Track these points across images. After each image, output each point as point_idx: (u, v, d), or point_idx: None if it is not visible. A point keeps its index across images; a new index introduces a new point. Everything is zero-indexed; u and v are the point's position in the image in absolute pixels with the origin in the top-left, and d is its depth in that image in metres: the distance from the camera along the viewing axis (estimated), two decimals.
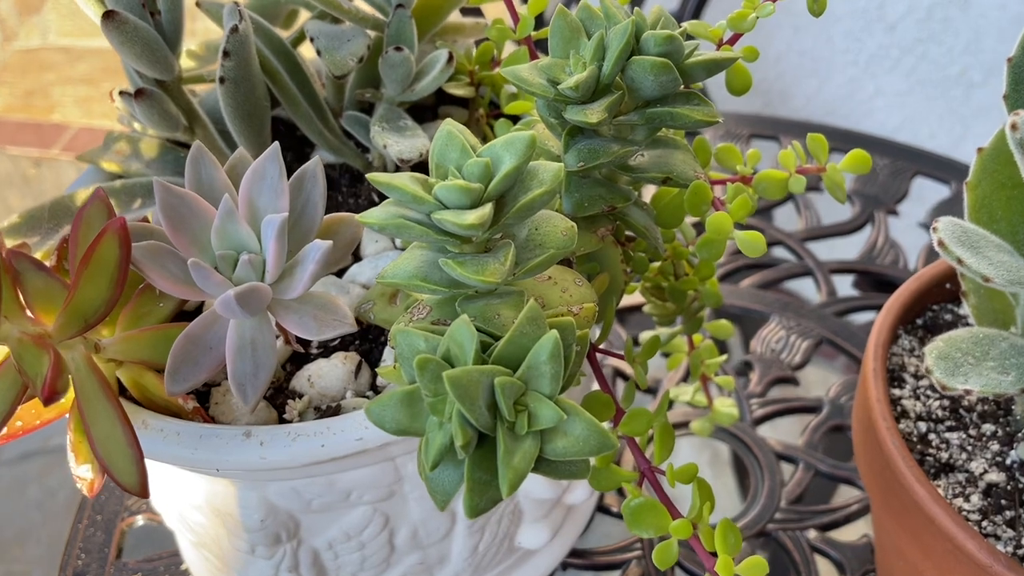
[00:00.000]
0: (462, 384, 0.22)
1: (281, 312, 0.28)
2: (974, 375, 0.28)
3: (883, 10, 1.15)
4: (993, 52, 1.10)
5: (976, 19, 1.08)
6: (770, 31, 1.23)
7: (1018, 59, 0.27)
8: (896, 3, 1.14)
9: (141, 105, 0.35)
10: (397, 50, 0.35)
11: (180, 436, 0.31)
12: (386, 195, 0.25)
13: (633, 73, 0.28)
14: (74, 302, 0.25)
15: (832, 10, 1.19)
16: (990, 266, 0.26)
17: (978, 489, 0.33)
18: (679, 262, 0.37)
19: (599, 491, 0.33)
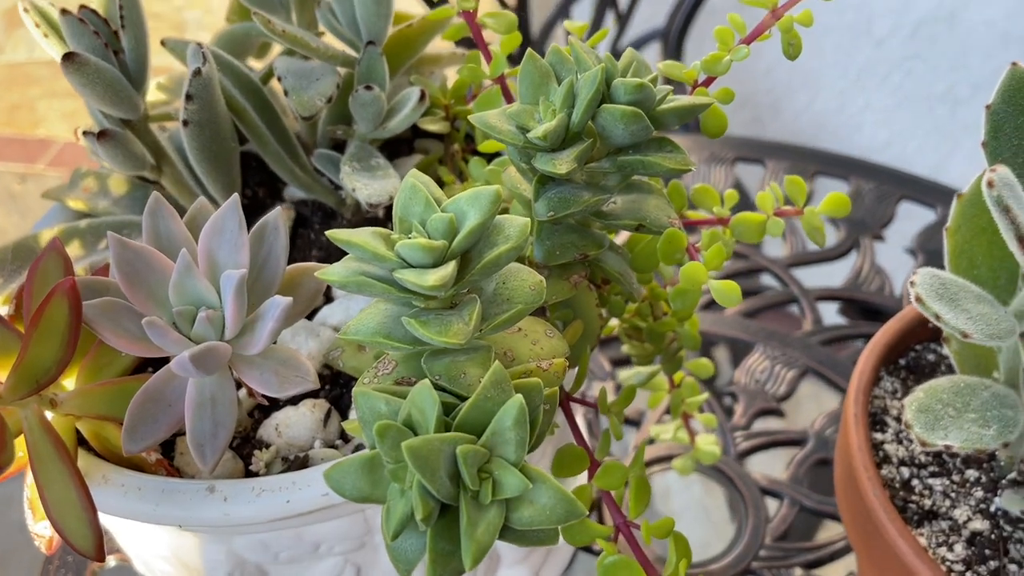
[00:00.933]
0: (422, 455, 0.21)
1: (242, 368, 0.27)
2: (954, 429, 0.27)
3: (871, 25, 1.15)
4: (980, 69, 1.10)
5: (963, 37, 1.08)
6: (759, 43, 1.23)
7: (997, 106, 0.27)
8: (883, 19, 1.14)
9: (105, 146, 0.34)
10: (367, 89, 0.35)
11: (141, 491, 0.30)
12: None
13: (603, 121, 0.27)
14: (25, 362, 0.24)
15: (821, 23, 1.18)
16: (969, 320, 0.25)
17: (962, 538, 0.32)
18: (657, 303, 0.36)
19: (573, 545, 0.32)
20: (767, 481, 0.48)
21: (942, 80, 1.14)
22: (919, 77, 1.16)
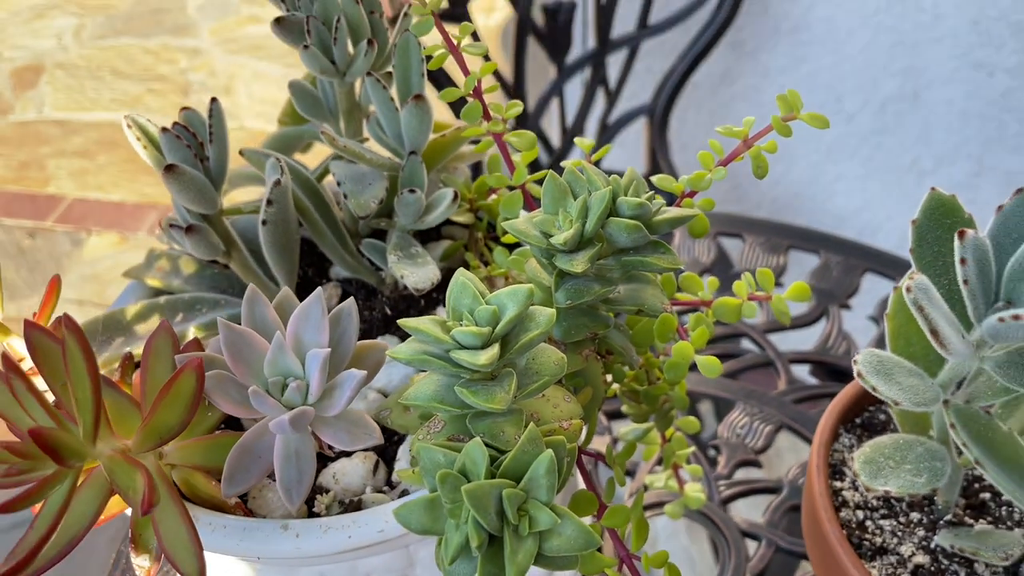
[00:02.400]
0: (477, 496, 0.28)
1: (320, 427, 0.33)
2: (893, 478, 0.34)
3: (841, 103, 1.24)
4: (942, 144, 1.19)
5: (926, 114, 1.18)
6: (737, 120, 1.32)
7: (920, 221, 0.34)
8: (853, 97, 1.23)
9: (191, 238, 0.41)
10: (411, 192, 0.42)
11: (227, 529, 0.36)
12: (397, 312, 0.31)
13: (611, 230, 0.34)
14: (152, 424, 0.31)
15: None
16: (900, 391, 0.32)
17: (907, 570, 0.38)
18: (652, 370, 0.42)
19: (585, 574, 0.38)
20: (747, 524, 0.55)
21: (908, 153, 1.23)
22: (887, 150, 1.25)
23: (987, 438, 0.33)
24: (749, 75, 1.29)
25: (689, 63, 1.18)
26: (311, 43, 0.42)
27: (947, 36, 1.10)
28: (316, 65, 0.43)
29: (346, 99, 0.46)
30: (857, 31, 1.16)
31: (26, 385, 0.27)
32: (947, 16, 1.09)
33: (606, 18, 1.17)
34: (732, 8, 1.13)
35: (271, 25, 0.43)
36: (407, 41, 0.42)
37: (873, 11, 1.13)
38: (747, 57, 1.28)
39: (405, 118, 0.42)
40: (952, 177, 1.20)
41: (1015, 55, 1.07)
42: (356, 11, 0.43)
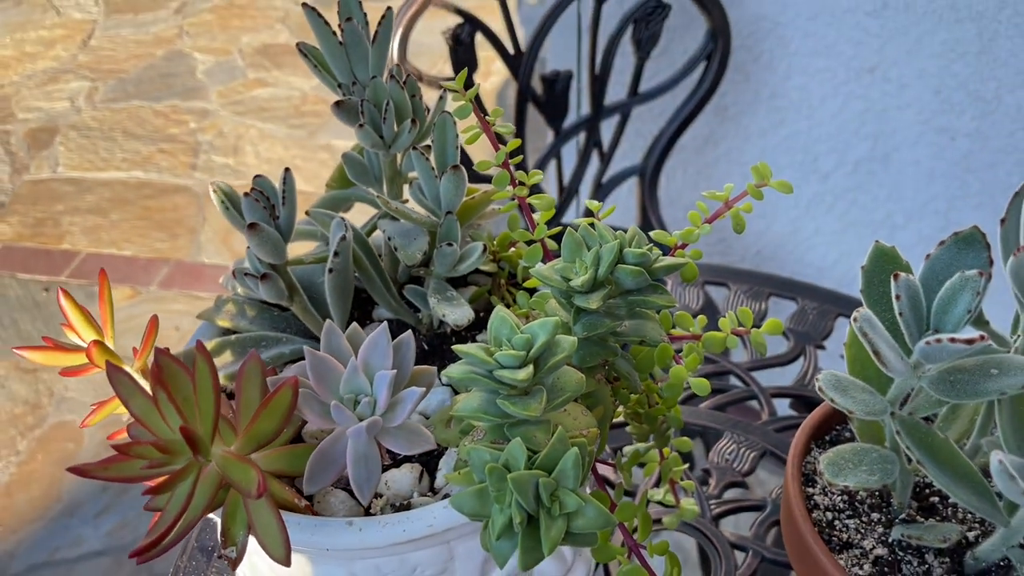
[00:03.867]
0: (520, 483, 0.35)
1: (384, 436, 0.41)
2: (851, 475, 0.41)
3: (817, 163, 1.34)
4: (912, 201, 1.29)
5: (895, 173, 1.27)
6: (721, 179, 1.42)
7: (868, 268, 0.42)
8: (828, 158, 1.33)
9: (264, 285, 0.48)
10: (448, 245, 0.50)
11: (301, 525, 0.43)
12: (437, 344, 0.38)
13: (619, 275, 0.42)
14: (253, 431, 0.38)
15: (775, 162, 1.38)
16: (853, 403, 0.40)
17: (869, 560, 0.46)
18: (651, 395, 0.50)
19: (600, 562, 0.45)
20: (735, 538, 0.62)
21: (881, 209, 1.33)
22: (861, 206, 1.34)
23: (927, 443, 0.41)
24: (732, 138, 1.39)
25: (677, 127, 1.28)
26: (365, 122, 0.51)
27: (912, 103, 1.21)
28: (368, 140, 0.51)
29: (390, 168, 0.54)
30: (829, 98, 1.27)
31: (167, 396, 0.34)
32: (911, 85, 1.19)
33: (600, 86, 1.27)
34: (716, 77, 1.23)
35: (332, 107, 0.51)
36: (444, 120, 0.51)
37: (843, 81, 1.24)
38: (730, 121, 1.38)
39: (444, 184, 0.50)
40: (921, 231, 1.29)
41: (974, 121, 1.17)
42: (401, 96, 0.52)
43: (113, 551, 1.49)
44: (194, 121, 2.53)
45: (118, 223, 2.18)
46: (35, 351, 0.42)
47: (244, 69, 2.77)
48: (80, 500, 1.58)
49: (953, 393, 0.38)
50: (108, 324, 0.44)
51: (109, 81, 2.74)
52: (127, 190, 2.27)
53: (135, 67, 2.81)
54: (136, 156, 2.40)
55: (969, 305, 0.37)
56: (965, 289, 0.37)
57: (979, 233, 0.39)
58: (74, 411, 1.72)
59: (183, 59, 2.85)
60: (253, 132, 2.46)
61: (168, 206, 2.22)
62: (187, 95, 2.65)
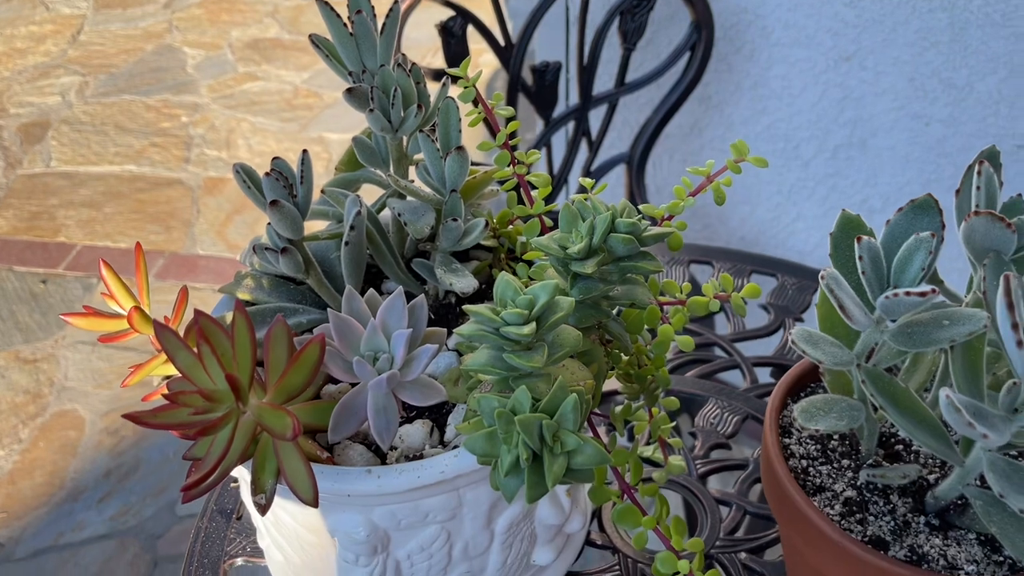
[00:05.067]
0: (526, 424, 0.40)
1: (401, 389, 0.45)
2: (821, 421, 0.46)
3: (798, 150, 1.39)
4: (888, 185, 1.34)
5: (872, 158, 1.32)
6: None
7: (836, 234, 0.47)
8: (808, 144, 1.37)
9: (284, 258, 0.53)
10: (453, 220, 0.54)
11: (323, 474, 0.47)
12: (443, 313, 0.42)
13: (611, 243, 0.46)
14: (284, 383, 0.42)
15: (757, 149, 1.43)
16: (822, 354, 0.45)
17: (839, 501, 0.50)
18: (641, 356, 0.55)
19: (596, 504, 0.49)
20: (720, 494, 0.66)
21: (859, 193, 1.38)
22: (840, 191, 1.39)
23: (889, 392, 0.46)
24: (716, 126, 1.43)
25: (663, 116, 1.33)
26: (375, 108, 0.55)
27: (888, 91, 1.26)
28: (378, 124, 0.55)
29: (397, 150, 0.59)
30: (809, 87, 1.31)
31: (211, 350, 0.38)
32: (887, 73, 1.24)
33: (588, 77, 1.31)
34: (700, 67, 1.28)
35: (343, 94, 0.55)
36: (448, 106, 0.55)
37: (822, 69, 1.29)
38: (714, 110, 1.42)
39: (449, 164, 0.54)
40: None
41: (947, 107, 1.22)
42: (408, 83, 0.56)
43: (117, 534, 1.53)
44: (186, 115, 2.55)
45: (112, 216, 2.21)
46: (79, 317, 0.46)
47: (234, 63, 2.80)
48: (83, 486, 1.61)
49: (910, 343, 0.43)
50: (144, 293, 0.48)
51: (99, 76, 2.76)
52: (120, 184, 2.30)
53: (125, 62, 2.83)
54: (129, 150, 2.43)
55: (923, 263, 0.42)
56: (919, 249, 0.42)
57: (932, 200, 0.44)
58: (75, 400, 1.75)
59: (173, 53, 2.87)
60: (245, 126, 2.49)
61: (162, 199, 2.25)
62: (178, 89, 2.68)
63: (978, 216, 0.44)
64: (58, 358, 1.82)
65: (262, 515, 0.47)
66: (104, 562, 1.48)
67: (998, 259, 0.45)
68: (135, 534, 1.52)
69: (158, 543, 1.49)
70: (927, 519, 0.49)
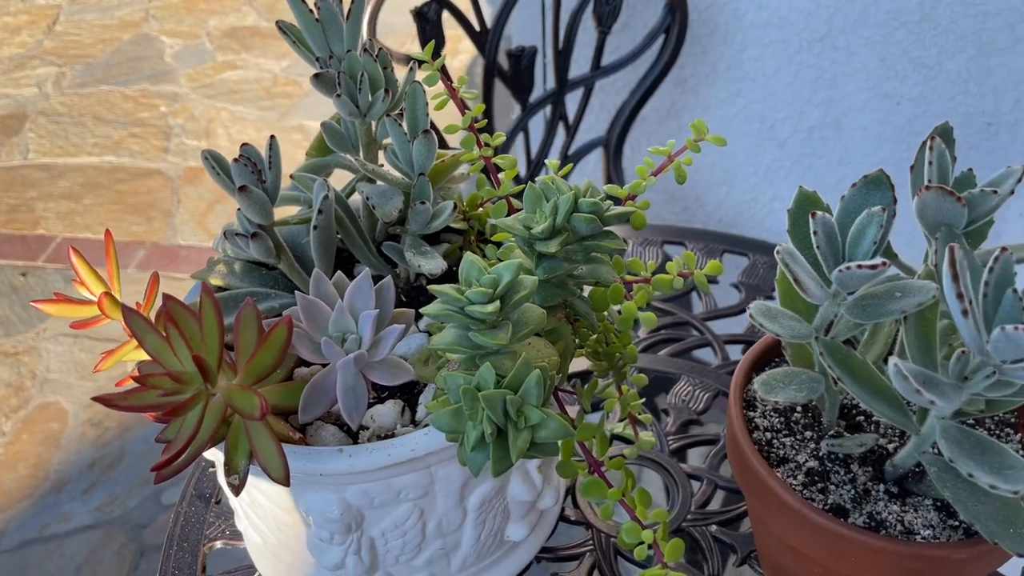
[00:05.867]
0: (490, 400, 0.40)
1: (369, 369, 0.46)
2: (781, 393, 0.47)
3: (774, 131, 1.40)
4: (861, 163, 1.35)
5: (846, 138, 1.34)
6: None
7: (794, 210, 0.48)
8: (783, 125, 1.39)
9: (255, 243, 0.53)
10: (421, 203, 0.55)
11: (296, 454, 0.48)
12: (414, 295, 0.43)
13: (574, 222, 0.47)
14: (253, 365, 0.43)
15: (734, 130, 1.44)
16: (781, 328, 0.46)
17: (802, 471, 0.51)
18: (608, 334, 0.56)
19: (564, 477, 0.50)
20: (691, 469, 0.68)
21: (834, 173, 1.39)
22: (816, 171, 1.40)
23: (847, 363, 0.47)
24: (692, 108, 1.44)
25: (639, 99, 1.33)
26: (342, 93, 0.55)
27: (860, 71, 1.27)
28: (345, 109, 0.56)
29: (365, 135, 0.59)
30: (783, 68, 1.32)
31: (179, 332, 0.39)
32: (859, 54, 1.25)
33: (564, 61, 1.31)
34: (674, 50, 1.29)
35: (311, 79, 0.56)
36: (415, 89, 0.55)
37: (796, 50, 1.30)
38: (690, 93, 1.43)
39: (416, 147, 0.55)
40: None
41: (917, 87, 1.23)
42: (375, 68, 0.56)
43: (102, 525, 1.53)
44: (164, 105, 2.54)
45: (92, 208, 2.20)
46: (51, 304, 0.47)
47: (213, 52, 2.78)
48: (67, 477, 1.61)
49: (865, 315, 0.44)
50: (115, 279, 0.49)
51: (76, 66, 2.74)
52: (100, 175, 2.29)
53: (102, 52, 2.81)
54: (107, 141, 2.41)
55: (875, 237, 0.43)
56: (871, 223, 0.43)
57: (884, 176, 0.45)
58: (58, 392, 1.75)
59: (151, 43, 2.85)
60: (224, 115, 2.48)
61: (142, 190, 2.24)
62: (156, 79, 2.66)
63: (929, 191, 0.45)
64: (40, 350, 1.82)
65: (236, 495, 0.48)
66: (90, 552, 1.49)
67: (949, 232, 0.46)
68: (120, 524, 1.52)
69: (144, 532, 1.50)
70: (886, 487, 0.50)
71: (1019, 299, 0.38)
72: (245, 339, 0.45)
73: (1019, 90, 1.15)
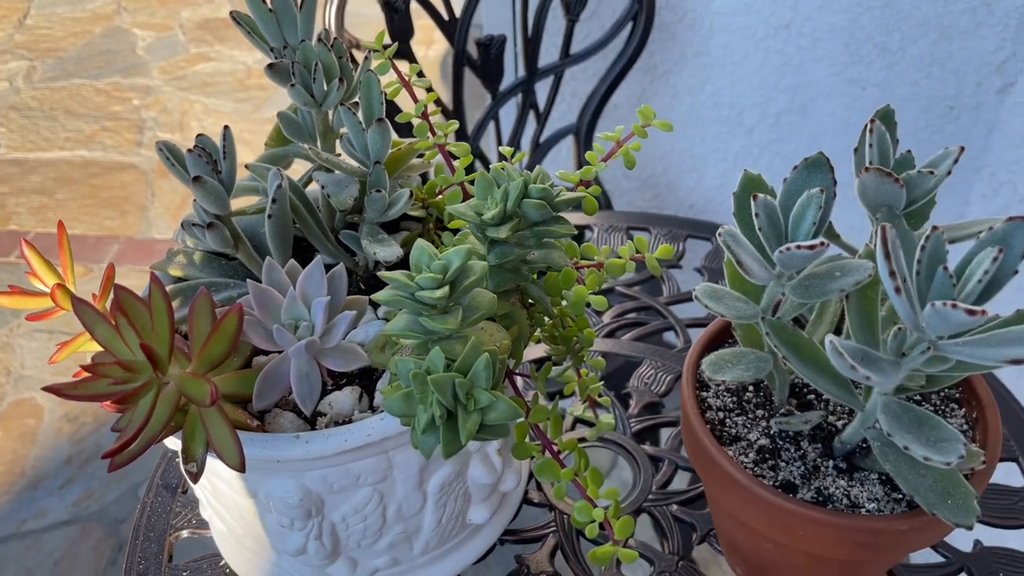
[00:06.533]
0: (439, 383, 0.41)
1: (323, 356, 0.46)
2: (728, 372, 0.48)
3: (742, 117, 1.41)
4: (828, 148, 1.36)
5: (813, 124, 1.35)
6: (653, 135, 1.48)
7: (739, 193, 0.49)
8: (752, 111, 1.40)
9: (211, 233, 0.53)
10: (377, 192, 0.55)
11: (253, 441, 0.48)
12: (373, 283, 0.44)
13: (525, 208, 0.48)
14: (205, 353, 0.43)
15: (703, 117, 1.45)
16: (727, 309, 0.47)
17: (753, 449, 0.53)
18: (564, 319, 0.56)
19: (519, 459, 0.51)
20: (653, 450, 0.69)
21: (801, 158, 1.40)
22: (784, 157, 1.42)
23: (793, 343, 0.48)
24: (662, 95, 1.45)
25: (608, 86, 1.34)
26: (296, 82, 0.56)
27: (826, 57, 1.28)
28: (300, 99, 0.56)
29: (322, 124, 0.59)
30: (751, 55, 1.33)
31: (128, 322, 0.40)
32: (824, 40, 1.26)
33: (533, 49, 1.32)
34: (642, 37, 1.29)
35: (265, 70, 0.56)
36: (369, 78, 0.56)
37: (763, 37, 1.31)
38: (660, 80, 1.44)
39: (371, 136, 0.55)
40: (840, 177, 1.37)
41: (882, 71, 1.25)
42: (329, 57, 0.57)
43: (79, 520, 1.53)
44: (137, 98, 2.52)
45: (64, 202, 2.18)
46: (3, 295, 0.47)
47: (186, 44, 2.76)
48: (44, 473, 1.61)
49: (807, 295, 0.45)
50: (68, 271, 0.49)
51: (47, 60, 2.71)
52: (72, 169, 2.27)
53: (73, 45, 2.78)
54: (80, 135, 2.39)
55: (815, 218, 0.44)
56: (810, 205, 0.44)
57: (824, 158, 0.46)
58: (32, 388, 1.74)
59: (122, 35, 2.82)
60: (198, 107, 2.46)
61: (115, 184, 2.22)
62: (128, 72, 2.64)
63: (869, 172, 0.46)
64: (13, 347, 1.81)
65: (194, 483, 0.48)
66: (68, 547, 1.48)
67: (890, 212, 0.47)
68: (98, 519, 1.52)
69: (121, 527, 1.50)
70: (835, 463, 0.51)
71: (950, 276, 0.39)
72: (199, 328, 0.45)
73: (980, 73, 1.16)
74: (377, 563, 0.57)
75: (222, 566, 0.62)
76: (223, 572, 0.62)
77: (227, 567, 0.62)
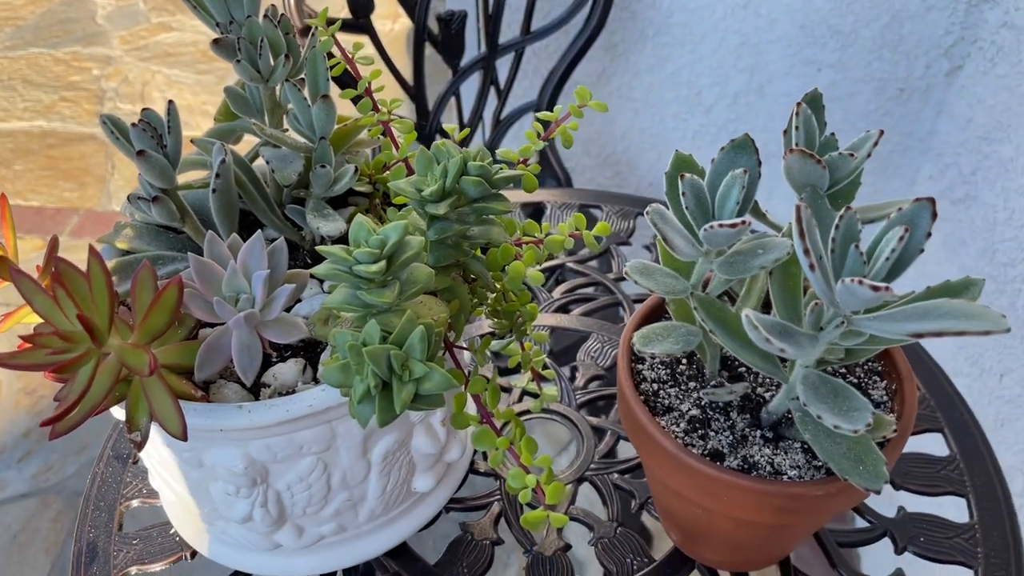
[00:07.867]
0: (374, 355, 0.43)
1: (263, 328, 0.47)
2: (657, 345, 0.50)
3: (700, 96, 1.43)
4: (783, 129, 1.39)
5: (769, 105, 1.37)
6: (614, 113, 1.50)
7: (671, 172, 0.50)
8: (710, 91, 1.42)
9: (156, 206, 0.54)
10: (322, 167, 0.56)
11: (197, 410, 0.49)
12: (319, 257, 0.45)
13: (464, 185, 0.49)
14: (146, 325, 0.44)
15: (662, 96, 1.46)
16: (656, 284, 0.48)
17: (684, 420, 0.55)
18: (507, 293, 0.58)
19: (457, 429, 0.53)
20: (596, 421, 0.71)
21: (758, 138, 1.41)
22: None
23: (720, 317, 0.50)
24: (622, 74, 1.46)
25: (568, 63, 1.35)
26: (242, 58, 0.56)
27: (782, 37, 1.30)
28: (246, 74, 0.57)
29: (269, 100, 0.60)
30: (709, 34, 1.35)
31: (66, 293, 0.40)
32: (780, 20, 1.28)
33: (494, 26, 1.32)
34: (602, 15, 1.30)
35: (210, 45, 0.56)
36: (315, 55, 0.56)
37: (721, 16, 1.32)
38: (620, 58, 1.45)
39: (316, 112, 0.56)
40: None
41: (836, 53, 1.27)
42: (275, 33, 0.57)
43: (39, 492, 1.53)
44: (97, 68, 2.48)
45: (22, 174, 2.15)
46: None
47: (147, 13, 2.71)
48: (2, 446, 1.60)
49: (732, 271, 0.47)
50: (10, 242, 0.49)
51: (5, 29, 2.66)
52: (30, 140, 2.24)
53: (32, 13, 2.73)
54: (38, 105, 2.36)
55: (738, 197, 0.46)
56: (735, 185, 0.46)
57: (749, 140, 0.48)
58: None
59: (82, 4, 2.77)
60: (160, 78, 2.43)
61: (75, 155, 2.19)
62: (88, 41, 2.59)
63: (793, 154, 0.48)
64: None
65: (139, 451, 0.49)
66: (27, 520, 1.48)
67: (813, 193, 0.49)
68: (57, 492, 1.52)
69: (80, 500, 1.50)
70: (762, 432, 0.54)
71: (861, 254, 0.41)
72: (141, 300, 0.46)
73: (929, 56, 1.19)
74: (323, 530, 0.59)
75: (172, 534, 0.64)
76: (173, 540, 0.63)
77: (177, 535, 0.64)
